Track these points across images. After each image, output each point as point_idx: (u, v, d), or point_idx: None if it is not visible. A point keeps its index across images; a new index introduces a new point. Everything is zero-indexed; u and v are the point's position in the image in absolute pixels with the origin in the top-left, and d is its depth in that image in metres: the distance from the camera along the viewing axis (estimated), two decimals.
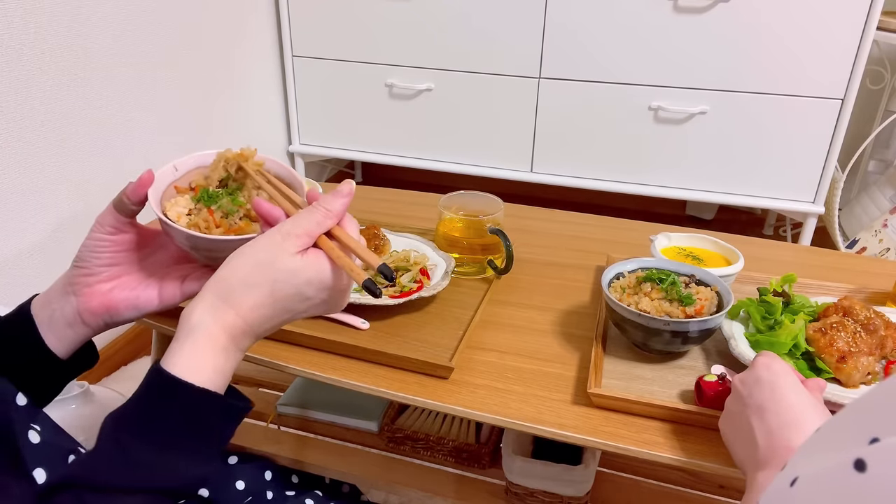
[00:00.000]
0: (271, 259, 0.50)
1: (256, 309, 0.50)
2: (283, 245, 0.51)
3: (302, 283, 0.51)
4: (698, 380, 0.67)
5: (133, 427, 0.47)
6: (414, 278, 0.83)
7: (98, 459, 0.47)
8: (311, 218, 0.52)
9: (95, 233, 0.60)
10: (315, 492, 0.84)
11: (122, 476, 0.46)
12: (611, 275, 0.78)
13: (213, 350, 0.49)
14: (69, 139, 1.33)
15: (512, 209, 1.02)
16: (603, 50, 1.79)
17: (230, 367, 0.51)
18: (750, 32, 1.67)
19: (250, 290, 0.50)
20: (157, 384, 0.48)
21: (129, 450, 0.46)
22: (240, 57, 1.93)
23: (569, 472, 0.85)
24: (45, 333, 0.59)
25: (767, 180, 1.82)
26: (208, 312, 0.50)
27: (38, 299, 0.61)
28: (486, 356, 0.76)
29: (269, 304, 0.51)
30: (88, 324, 0.61)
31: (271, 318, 0.52)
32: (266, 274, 0.50)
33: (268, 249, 0.51)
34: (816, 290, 0.87)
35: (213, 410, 0.50)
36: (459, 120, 2.01)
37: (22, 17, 1.19)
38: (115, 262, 0.61)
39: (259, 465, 0.89)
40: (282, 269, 0.50)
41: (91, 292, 0.60)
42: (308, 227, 0.52)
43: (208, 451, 0.50)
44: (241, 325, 0.50)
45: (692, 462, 0.61)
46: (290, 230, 0.51)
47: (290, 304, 0.51)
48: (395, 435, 0.99)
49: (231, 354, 0.51)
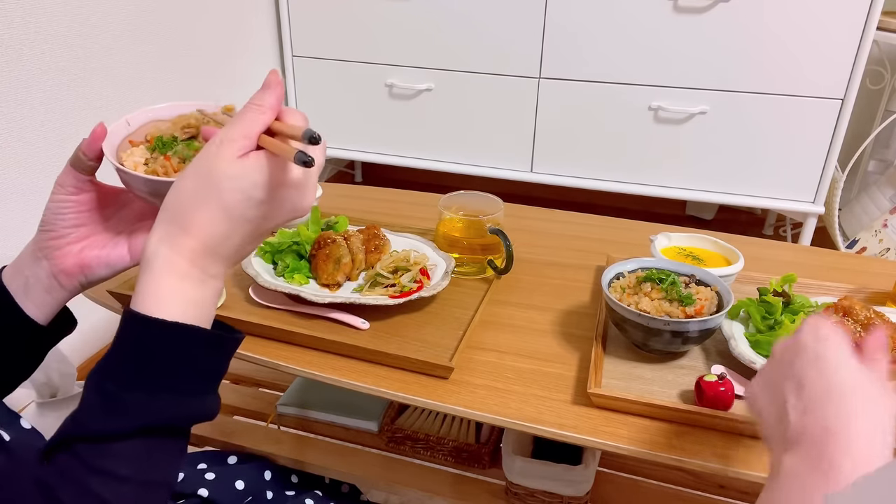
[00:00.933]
0: (210, 169, 0.47)
1: (211, 225, 0.47)
2: (220, 152, 0.47)
3: (248, 186, 0.47)
4: (698, 380, 0.67)
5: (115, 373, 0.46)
6: (414, 278, 0.83)
7: (87, 411, 0.45)
8: (243, 118, 0.49)
9: (56, 194, 0.59)
10: (315, 492, 0.84)
11: (113, 423, 0.45)
12: (611, 275, 0.78)
13: (174, 278, 0.47)
14: (69, 139, 1.33)
15: (512, 209, 1.02)
16: (603, 50, 1.79)
17: (204, 296, 0.49)
18: (750, 32, 1.67)
19: (198, 208, 0.47)
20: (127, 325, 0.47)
21: (116, 395, 0.45)
22: (240, 57, 1.93)
23: (569, 472, 0.85)
24: (23, 302, 0.58)
25: (767, 180, 1.82)
26: (163, 241, 0.47)
27: (8, 270, 0.60)
28: (486, 356, 0.76)
29: (223, 217, 0.47)
30: (65, 286, 0.60)
31: (231, 234, 0.48)
32: (209, 186, 0.47)
33: (206, 162, 0.48)
34: (816, 290, 0.87)
35: (191, 342, 0.47)
36: (459, 120, 2.01)
37: (22, 17, 1.19)
38: (81, 223, 0.61)
39: (259, 465, 0.89)
40: (224, 176, 0.47)
41: (62, 254, 0.60)
42: (243, 129, 0.48)
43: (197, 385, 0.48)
44: (199, 247, 0.48)
45: (692, 462, 0.61)
46: (224, 136, 0.48)
47: (245, 212, 0.48)
48: (395, 435, 0.99)
49: (199, 281, 0.48)
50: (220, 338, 0.49)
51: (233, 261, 0.51)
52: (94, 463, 0.44)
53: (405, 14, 1.91)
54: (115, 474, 0.44)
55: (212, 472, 0.82)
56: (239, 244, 0.50)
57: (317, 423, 1.05)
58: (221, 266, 0.50)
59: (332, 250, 0.84)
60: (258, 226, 0.50)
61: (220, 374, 0.50)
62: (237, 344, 0.51)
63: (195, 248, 0.47)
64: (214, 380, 0.50)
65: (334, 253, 0.84)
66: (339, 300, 0.80)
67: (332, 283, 0.85)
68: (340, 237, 0.86)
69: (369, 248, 0.89)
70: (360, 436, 1.02)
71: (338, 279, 0.85)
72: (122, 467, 0.44)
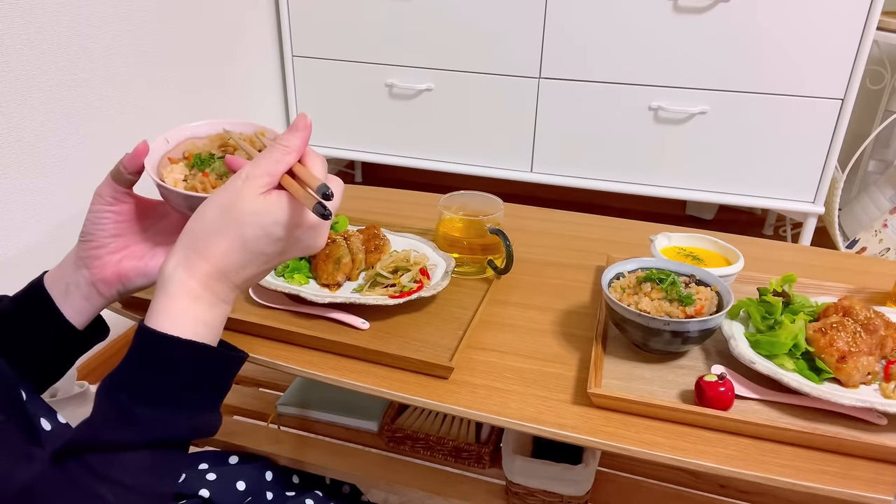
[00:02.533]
0: (234, 203, 0.50)
1: (227, 255, 0.50)
2: (245, 188, 0.50)
3: (269, 223, 0.50)
4: (698, 380, 0.67)
5: (127, 385, 0.48)
6: (414, 278, 0.83)
7: (98, 420, 0.47)
8: (269, 157, 0.51)
9: (95, 205, 0.62)
10: (315, 492, 0.84)
11: (123, 433, 0.46)
12: (611, 275, 0.78)
13: (188, 300, 0.49)
14: (69, 139, 1.33)
15: (512, 209, 1.02)
16: (603, 50, 1.79)
17: (214, 318, 0.51)
18: (750, 32, 1.67)
19: (218, 237, 0.50)
20: (142, 340, 0.49)
21: (127, 407, 0.47)
22: (240, 57, 1.93)
23: (569, 472, 0.85)
24: (62, 306, 0.61)
25: (767, 180, 1.82)
26: (180, 264, 0.50)
27: (50, 275, 0.62)
28: (486, 356, 0.76)
29: (239, 248, 0.50)
30: (103, 294, 0.63)
31: (247, 264, 0.51)
32: (231, 218, 0.50)
33: (230, 194, 0.50)
34: (816, 290, 0.87)
35: (201, 360, 0.50)
36: (459, 120, 2.01)
37: (22, 17, 1.19)
38: (119, 233, 0.63)
39: (259, 465, 0.89)
40: (246, 211, 0.49)
41: (102, 264, 0.62)
42: (268, 167, 0.51)
43: (204, 401, 0.50)
44: (213, 272, 0.50)
45: (692, 462, 0.61)
46: (250, 172, 0.50)
47: (261, 247, 0.51)
48: (395, 435, 0.99)
49: (210, 304, 0.50)
50: (229, 357, 0.52)
51: (243, 288, 0.53)
52: (102, 471, 0.45)
53: (405, 14, 1.91)
54: (123, 483, 0.46)
55: (213, 473, 0.82)
56: (251, 273, 0.52)
57: (317, 423, 1.05)
58: (232, 291, 0.52)
59: (332, 250, 0.84)
60: (272, 259, 0.53)
61: (225, 390, 0.53)
62: (242, 363, 0.54)
63: (209, 273, 0.50)
64: (220, 396, 0.52)
65: (334, 253, 0.84)
66: (339, 300, 0.80)
67: (332, 283, 0.85)
68: (340, 237, 0.86)
69: (369, 248, 0.89)
70: (360, 436, 1.02)
71: (338, 279, 0.85)
72: (130, 477, 0.46)
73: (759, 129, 1.76)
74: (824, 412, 0.66)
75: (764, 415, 0.67)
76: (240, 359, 0.53)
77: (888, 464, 0.61)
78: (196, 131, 0.67)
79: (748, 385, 0.70)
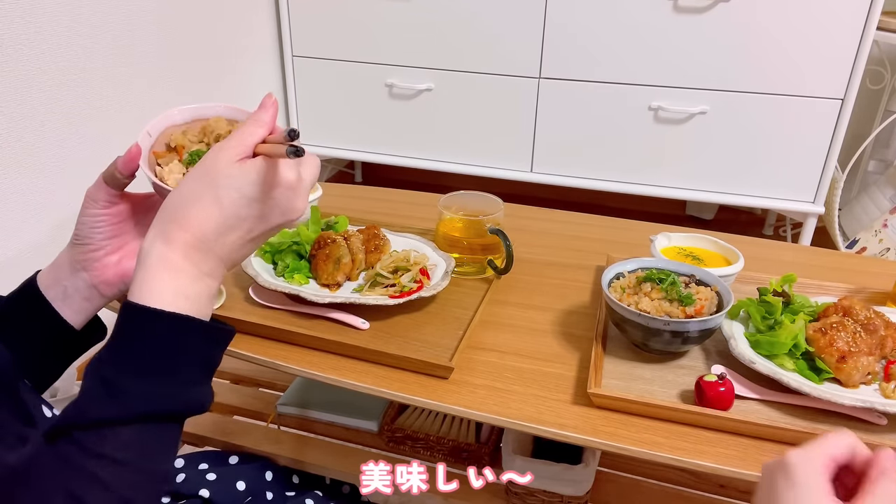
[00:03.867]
0: (208, 170, 0.50)
1: (205, 221, 0.50)
2: (218, 156, 0.51)
3: (244, 184, 0.50)
4: (698, 380, 0.67)
5: (112, 361, 0.48)
6: (414, 278, 0.83)
7: (84, 398, 0.47)
8: (242, 131, 0.52)
9: (89, 209, 0.61)
10: (315, 492, 0.84)
11: (110, 409, 0.46)
12: (611, 275, 0.78)
13: (167, 271, 0.49)
14: (69, 139, 1.33)
15: (512, 209, 1.02)
16: (603, 50, 1.79)
17: (197, 292, 0.50)
18: (750, 32, 1.67)
19: (195, 204, 0.50)
20: (124, 316, 0.48)
21: (113, 382, 0.46)
22: (240, 57, 1.93)
23: (569, 472, 0.85)
24: (61, 309, 0.61)
25: (767, 180, 1.82)
26: (158, 237, 0.50)
27: (44, 278, 0.62)
28: (486, 356, 0.76)
29: (217, 212, 0.50)
30: (105, 295, 0.63)
31: (226, 231, 0.51)
32: (206, 183, 0.50)
33: (205, 163, 0.51)
34: (816, 290, 0.87)
35: (185, 331, 0.49)
36: (459, 120, 2.01)
37: (22, 17, 1.19)
38: (116, 234, 0.63)
39: (259, 465, 0.89)
40: (221, 174, 0.50)
41: (102, 266, 0.62)
42: (241, 138, 0.52)
43: (192, 374, 0.50)
44: (192, 240, 0.50)
45: (692, 462, 0.61)
46: (224, 144, 0.52)
47: (238, 210, 0.50)
48: (395, 435, 0.99)
49: (193, 277, 0.50)
50: (213, 328, 0.51)
51: (228, 261, 0.52)
52: (93, 448, 0.45)
53: (405, 14, 1.91)
54: (114, 458, 0.45)
55: (213, 473, 0.82)
56: (233, 243, 0.52)
57: (317, 423, 1.05)
58: (215, 264, 0.51)
59: (332, 250, 0.84)
60: (252, 226, 0.52)
61: (212, 363, 0.52)
62: (230, 336, 0.53)
63: (188, 241, 0.50)
64: (207, 369, 0.52)
65: (334, 253, 0.84)
66: (339, 300, 0.80)
67: (332, 283, 0.85)
68: (340, 237, 0.86)
69: (369, 248, 0.89)
70: (360, 436, 1.02)
71: (338, 279, 0.85)
72: (121, 452, 0.46)
73: (759, 128, 1.76)
74: (824, 412, 0.67)
75: (764, 415, 0.67)
76: (227, 331, 0.52)
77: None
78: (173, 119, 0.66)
79: (748, 385, 0.70)
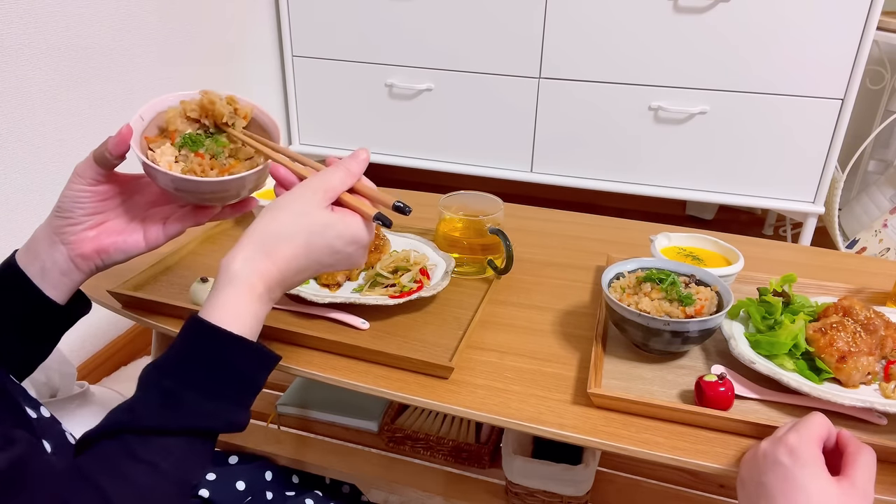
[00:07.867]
0: (307, 211, 0.54)
1: (292, 260, 0.54)
2: (316, 199, 0.54)
3: (333, 235, 0.54)
4: (698, 380, 0.67)
5: (176, 373, 0.50)
6: (414, 278, 0.83)
7: (142, 405, 0.49)
8: (335, 176, 0.56)
9: (75, 184, 0.62)
10: (315, 492, 0.84)
11: (165, 419, 0.48)
12: (611, 275, 0.78)
13: (251, 298, 0.53)
14: (69, 139, 1.33)
15: (512, 209, 1.02)
16: (603, 50, 1.79)
17: (264, 315, 0.55)
18: (750, 32, 1.67)
19: (288, 242, 0.53)
20: (196, 332, 0.51)
21: (174, 394, 0.49)
22: (240, 56, 1.93)
23: (569, 472, 0.85)
24: (41, 284, 0.61)
25: (767, 180, 1.82)
26: (248, 262, 0.53)
27: (23, 254, 0.62)
28: (486, 356, 0.76)
29: (304, 255, 0.54)
30: (82, 269, 0.63)
31: (303, 270, 0.55)
32: (302, 226, 0.54)
33: (303, 203, 0.54)
34: (816, 290, 0.87)
35: (251, 357, 0.53)
36: (459, 120, 2.01)
37: (21, 17, 1.19)
38: (97, 211, 0.64)
39: (259, 465, 0.89)
40: (316, 221, 0.54)
41: (79, 240, 0.63)
42: (334, 185, 0.56)
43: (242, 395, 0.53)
44: (277, 276, 0.54)
45: (692, 462, 0.61)
46: (319, 186, 0.55)
47: (320, 257, 0.55)
48: (395, 435, 0.99)
49: (265, 302, 0.54)
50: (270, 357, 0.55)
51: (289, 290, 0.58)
52: (139, 453, 0.47)
53: (405, 14, 1.91)
54: (158, 466, 0.47)
55: (213, 473, 0.82)
56: (302, 279, 0.57)
57: (317, 423, 1.05)
58: (281, 293, 0.57)
59: None
60: (322, 268, 0.57)
61: (258, 389, 0.55)
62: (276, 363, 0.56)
63: (273, 276, 0.54)
64: (254, 394, 0.55)
65: None
66: (339, 300, 0.80)
67: (332, 283, 0.85)
68: None
69: (369, 248, 0.88)
70: (360, 436, 1.02)
71: (338, 279, 0.85)
72: (164, 460, 0.48)
73: (760, 129, 1.76)
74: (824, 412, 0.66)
75: (764, 415, 0.67)
76: (276, 359, 0.56)
77: (889, 463, 0.61)
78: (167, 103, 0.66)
79: (748, 385, 0.70)
